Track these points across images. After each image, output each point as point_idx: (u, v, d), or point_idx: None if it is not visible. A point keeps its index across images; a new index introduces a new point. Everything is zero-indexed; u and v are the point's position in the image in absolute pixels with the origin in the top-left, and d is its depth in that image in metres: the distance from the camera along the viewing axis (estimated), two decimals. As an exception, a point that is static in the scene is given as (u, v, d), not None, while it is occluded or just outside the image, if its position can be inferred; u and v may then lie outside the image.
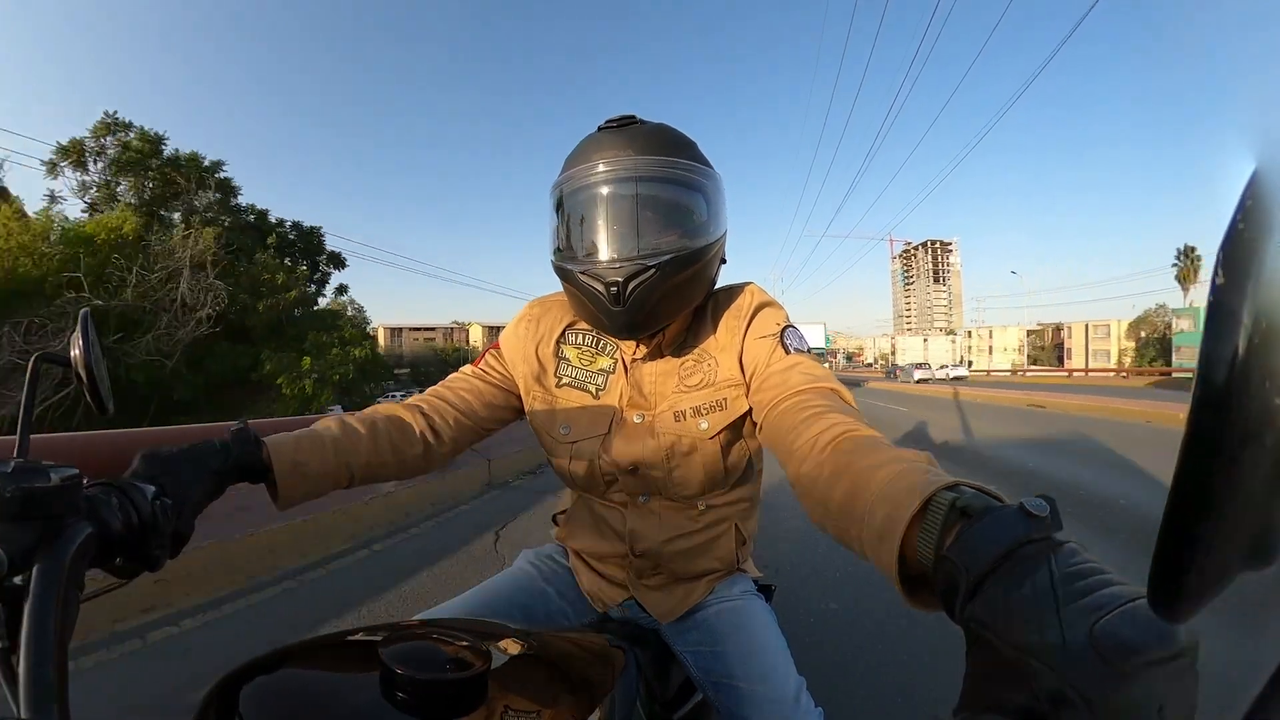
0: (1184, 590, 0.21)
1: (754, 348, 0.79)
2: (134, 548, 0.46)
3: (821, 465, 0.56)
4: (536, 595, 0.91)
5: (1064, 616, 0.27)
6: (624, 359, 0.85)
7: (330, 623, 2.38)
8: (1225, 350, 0.19)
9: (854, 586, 2.69)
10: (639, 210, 0.74)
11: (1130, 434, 7.29)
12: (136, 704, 1.76)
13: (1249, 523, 0.20)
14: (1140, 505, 3.71)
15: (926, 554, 0.37)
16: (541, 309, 0.91)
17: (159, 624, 2.29)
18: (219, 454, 0.60)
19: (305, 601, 2.61)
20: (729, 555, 0.88)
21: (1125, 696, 0.24)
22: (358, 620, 2.41)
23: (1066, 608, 0.27)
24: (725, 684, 0.79)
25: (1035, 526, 0.32)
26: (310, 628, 2.33)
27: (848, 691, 1.85)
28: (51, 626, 0.33)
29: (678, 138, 0.78)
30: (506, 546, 3.36)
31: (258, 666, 0.52)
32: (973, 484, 0.39)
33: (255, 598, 2.62)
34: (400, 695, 0.47)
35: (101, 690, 1.85)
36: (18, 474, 0.37)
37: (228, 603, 2.53)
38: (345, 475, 0.74)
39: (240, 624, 2.38)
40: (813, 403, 0.66)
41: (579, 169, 0.75)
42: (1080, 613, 0.27)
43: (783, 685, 0.76)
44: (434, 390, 0.89)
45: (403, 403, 0.85)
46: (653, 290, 0.73)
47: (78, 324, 0.52)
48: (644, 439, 0.82)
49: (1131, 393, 14.53)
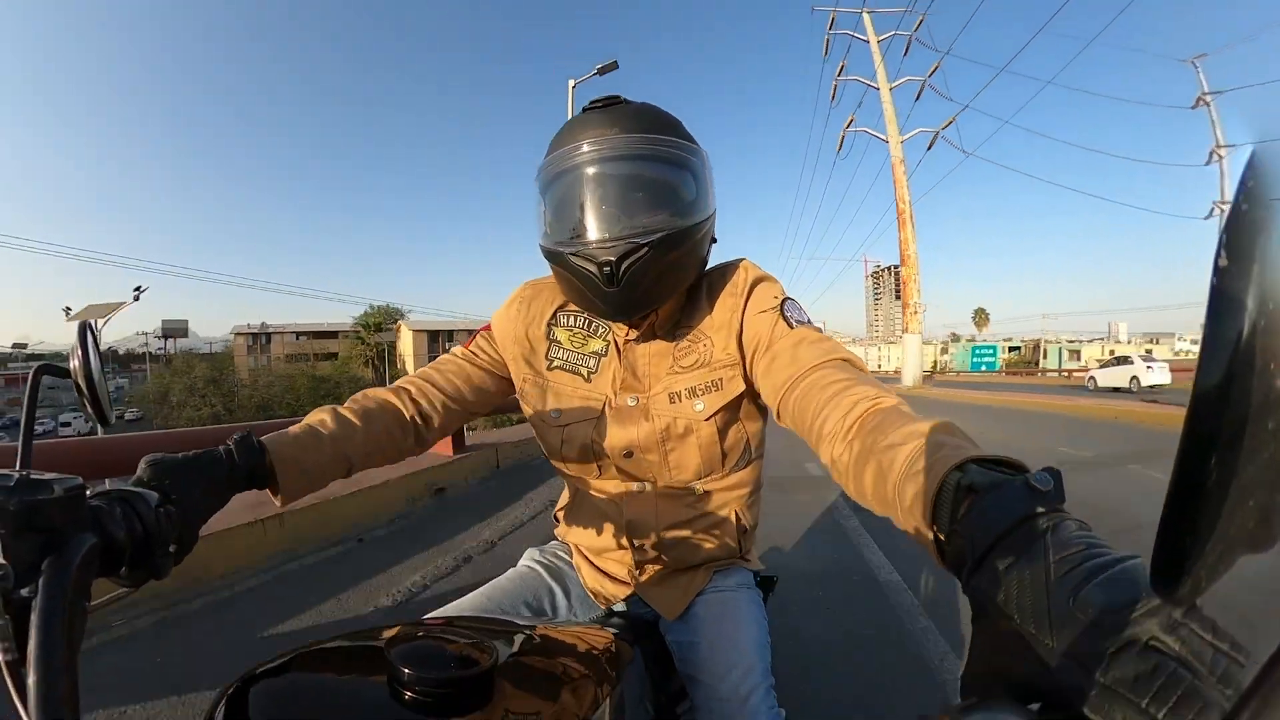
0: (1188, 574, 0.21)
1: (754, 323, 0.78)
2: (139, 556, 0.46)
3: (850, 446, 0.55)
4: (542, 592, 0.91)
5: (1052, 586, 0.29)
6: (616, 341, 0.84)
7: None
8: (1228, 333, 0.18)
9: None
10: (628, 189, 0.74)
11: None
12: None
13: (1251, 506, 0.20)
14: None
15: (943, 529, 0.39)
16: (533, 290, 0.90)
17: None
18: (223, 463, 0.60)
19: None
20: (729, 546, 0.87)
21: (1117, 654, 0.25)
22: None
23: (1056, 578, 0.29)
24: (691, 676, 0.79)
25: (1038, 500, 0.33)
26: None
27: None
28: (59, 638, 0.34)
29: (664, 116, 0.77)
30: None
31: (267, 670, 0.52)
32: (988, 455, 0.40)
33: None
34: (408, 695, 0.47)
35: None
36: (21, 487, 0.37)
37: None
38: (344, 466, 0.74)
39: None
40: (830, 379, 0.65)
41: (565, 150, 0.75)
42: (1067, 581, 0.28)
43: (738, 683, 0.75)
44: (422, 372, 0.88)
45: (390, 387, 0.85)
46: (646, 269, 0.72)
47: (76, 335, 0.52)
48: (638, 422, 0.81)
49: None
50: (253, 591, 2.64)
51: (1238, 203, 0.19)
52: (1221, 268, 0.19)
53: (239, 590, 2.63)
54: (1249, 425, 0.19)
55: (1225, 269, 0.19)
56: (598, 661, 0.64)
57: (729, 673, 0.76)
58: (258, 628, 2.26)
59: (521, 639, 0.64)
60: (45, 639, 0.33)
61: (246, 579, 2.74)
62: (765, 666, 0.79)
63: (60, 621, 0.34)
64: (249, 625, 2.27)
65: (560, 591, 0.92)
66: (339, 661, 0.59)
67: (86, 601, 0.39)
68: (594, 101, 0.78)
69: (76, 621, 0.36)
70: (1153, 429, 8.03)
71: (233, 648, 2.08)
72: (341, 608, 2.46)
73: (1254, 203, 0.18)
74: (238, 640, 2.15)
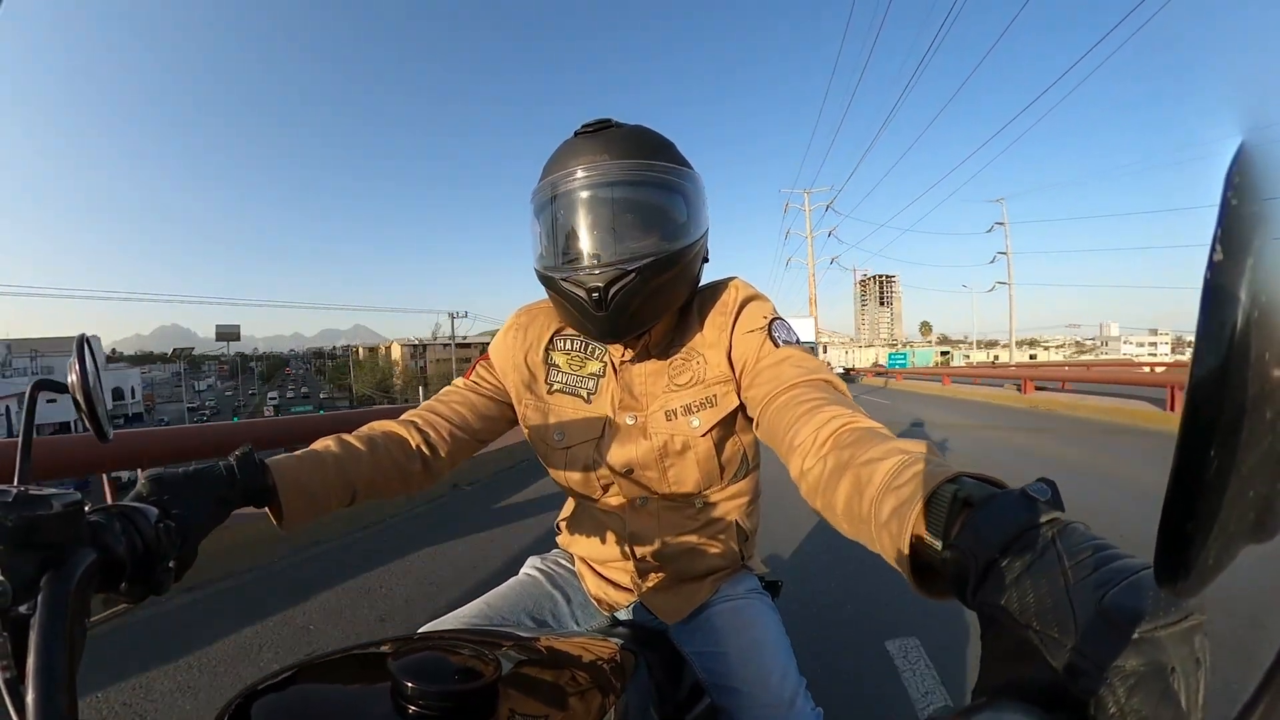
0: (1190, 565, 0.21)
1: (742, 343, 0.79)
2: (139, 572, 0.46)
3: (824, 460, 0.55)
4: (545, 600, 0.91)
5: (1073, 592, 0.28)
6: (613, 362, 0.85)
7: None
8: (1223, 326, 0.19)
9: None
10: (617, 215, 0.75)
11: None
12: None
13: (1252, 497, 0.20)
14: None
15: (935, 544, 0.38)
16: (528, 316, 0.91)
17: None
18: (224, 480, 0.59)
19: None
20: (732, 552, 0.87)
21: (1137, 660, 0.25)
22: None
23: (1076, 584, 0.28)
24: (725, 686, 0.78)
25: (1039, 509, 0.33)
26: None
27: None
28: (59, 654, 0.33)
29: (655, 139, 0.78)
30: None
31: (270, 684, 0.52)
32: (974, 474, 0.40)
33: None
34: (412, 709, 0.47)
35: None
36: (19, 502, 0.36)
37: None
38: (348, 494, 0.73)
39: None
40: (808, 396, 0.66)
41: (556, 176, 0.75)
42: (1089, 587, 0.28)
43: (779, 688, 0.76)
44: (428, 405, 0.89)
45: (398, 419, 0.85)
46: (634, 294, 0.73)
47: (74, 349, 0.51)
48: (637, 440, 0.82)
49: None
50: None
51: (1227, 198, 0.19)
52: (1216, 262, 0.19)
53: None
54: (1246, 417, 0.19)
55: (1220, 263, 0.19)
56: (603, 671, 0.63)
57: (768, 679, 0.76)
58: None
59: (525, 650, 0.63)
60: (44, 656, 0.33)
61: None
62: (795, 668, 0.79)
63: (60, 638, 0.34)
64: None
65: (563, 599, 0.92)
66: (342, 674, 0.58)
67: (86, 618, 0.39)
68: (585, 125, 0.78)
69: (76, 638, 0.36)
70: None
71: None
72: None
73: (1244, 197, 0.18)
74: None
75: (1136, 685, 0.25)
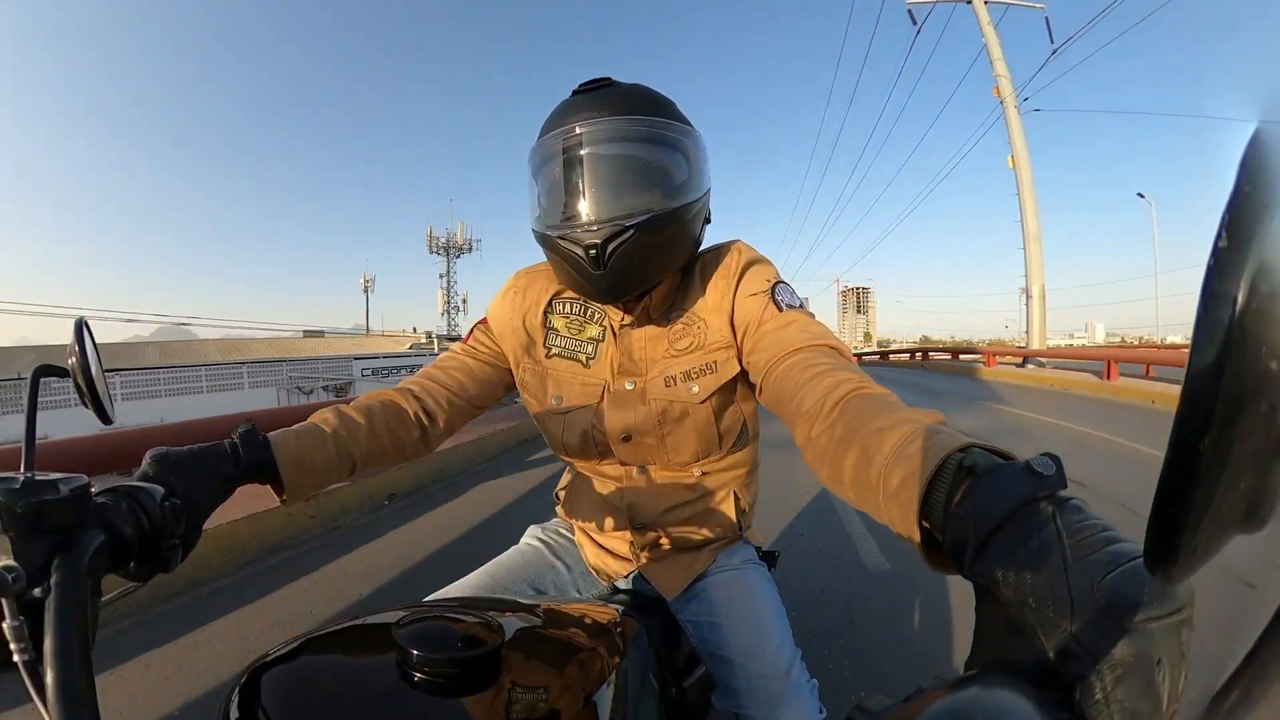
0: (1180, 552, 0.21)
1: (745, 306, 0.77)
2: (147, 551, 0.47)
3: (832, 428, 0.53)
4: (546, 570, 0.93)
5: (1071, 572, 0.28)
6: (613, 326, 0.84)
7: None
8: (1221, 315, 0.18)
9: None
10: (615, 171, 0.73)
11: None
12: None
13: (1243, 486, 0.20)
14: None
15: (937, 513, 0.38)
16: (528, 279, 0.90)
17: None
18: (229, 458, 0.60)
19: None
20: (729, 523, 0.87)
21: (1127, 650, 0.25)
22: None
23: (1074, 564, 0.28)
24: (721, 656, 0.80)
25: (1041, 484, 0.32)
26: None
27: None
28: (74, 635, 0.34)
29: (654, 96, 0.76)
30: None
31: (277, 657, 0.53)
32: (984, 444, 0.39)
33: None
34: (417, 675, 0.48)
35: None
36: (27, 489, 0.37)
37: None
38: (347, 466, 0.74)
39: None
40: (814, 361, 0.64)
41: (553, 133, 0.74)
42: (1087, 568, 0.28)
43: (774, 658, 0.77)
44: (425, 372, 0.88)
45: (395, 387, 0.84)
46: (634, 251, 0.71)
47: (73, 333, 0.51)
48: (635, 406, 0.81)
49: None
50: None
51: (1240, 183, 0.18)
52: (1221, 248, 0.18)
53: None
54: (1242, 408, 0.19)
55: (1224, 250, 0.18)
56: (603, 637, 0.65)
57: (762, 649, 0.78)
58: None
59: (527, 617, 0.65)
60: (62, 638, 0.34)
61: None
62: (791, 638, 0.81)
63: (74, 619, 0.35)
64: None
65: (564, 569, 0.94)
66: (348, 646, 0.60)
67: (98, 598, 0.40)
68: (584, 84, 0.76)
69: (89, 618, 0.37)
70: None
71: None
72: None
73: (1256, 183, 0.18)
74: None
75: (1124, 676, 0.25)
